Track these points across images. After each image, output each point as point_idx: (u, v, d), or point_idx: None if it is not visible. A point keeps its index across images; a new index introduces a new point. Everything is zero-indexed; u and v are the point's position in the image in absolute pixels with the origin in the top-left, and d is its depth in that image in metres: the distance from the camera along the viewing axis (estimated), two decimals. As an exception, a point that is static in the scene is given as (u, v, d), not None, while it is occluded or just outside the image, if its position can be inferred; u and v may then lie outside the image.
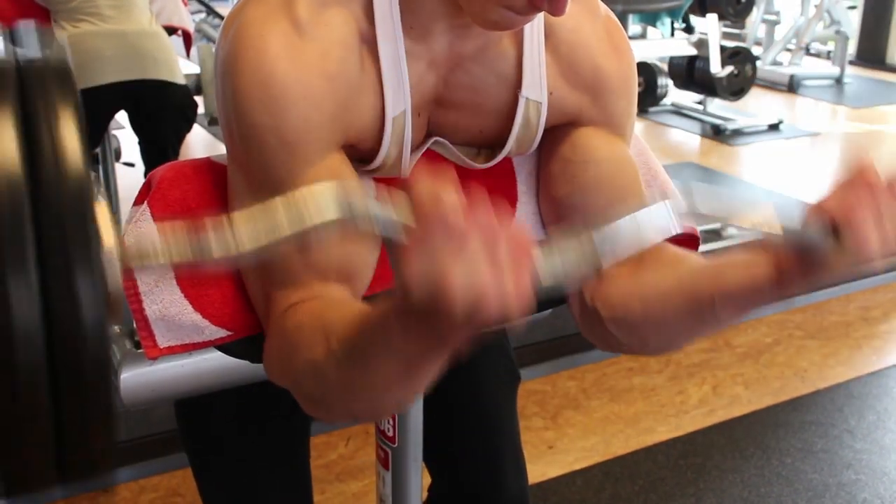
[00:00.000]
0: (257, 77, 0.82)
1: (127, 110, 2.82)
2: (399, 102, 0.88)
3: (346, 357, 0.72)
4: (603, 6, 0.98)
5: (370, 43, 0.86)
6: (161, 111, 2.83)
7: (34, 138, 0.49)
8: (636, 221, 0.72)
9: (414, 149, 0.95)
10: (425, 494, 1.35)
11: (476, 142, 0.99)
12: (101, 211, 0.50)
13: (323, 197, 0.58)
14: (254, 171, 0.85)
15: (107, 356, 0.48)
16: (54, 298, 0.46)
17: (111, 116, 2.84)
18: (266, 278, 0.87)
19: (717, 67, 5.42)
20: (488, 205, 0.57)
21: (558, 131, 1.00)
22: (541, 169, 1.04)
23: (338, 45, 0.84)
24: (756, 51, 7.15)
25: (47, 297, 0.46)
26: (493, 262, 0.56)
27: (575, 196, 0.98)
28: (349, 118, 0.86)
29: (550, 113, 0.96)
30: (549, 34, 0.94)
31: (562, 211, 1.00)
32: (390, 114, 0.88)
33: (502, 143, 0.97)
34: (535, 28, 0.93)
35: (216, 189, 0.93)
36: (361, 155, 0.91)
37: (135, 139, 2.98)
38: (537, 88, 0.94)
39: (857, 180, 0.72)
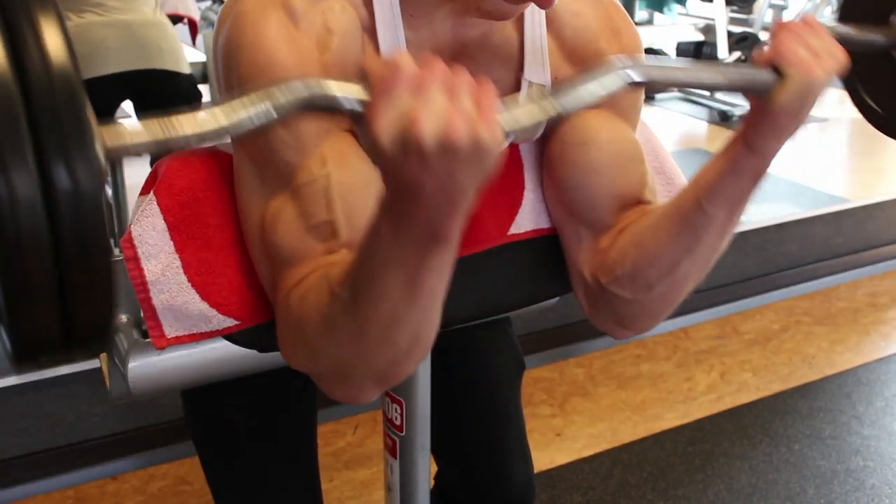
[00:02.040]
0: (257, 61, 0.81)
1: (132, 100, 2.82)
2: None
3: (350, 295, 0.72)
4: None
5: (370, 31, 0.86)
6: (166, 101, 2.82)
7: (13, 24, 0.50)
8: (592, 77, 0.74)
9: None
10: (432, 483, 1.36)
11: None
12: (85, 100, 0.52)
13: (292, 83, 0.62)
14: (261, 156, 0.85)
15: (102, 220, 0.50)
16: (51, 170, 0.48)
17: (116, 106, 2.84)
18: (272, 263, 0.87)
19: (724, 53, 5.40)
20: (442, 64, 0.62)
21: (563, 123, 0.99)
22: (545, 154, 1.03)
23: (336, 34, 0.84)
24: (763, 36, 7.12)
25: (44, 170, 0.48)
26: (455, 97, 0.60)
27: (577, 178, 0.98)
28: None
29: None
30: (552, 19, 0.94)
31: (565, 194, 1.00)
32: None
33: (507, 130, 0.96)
34: (535, 12, 0.93)
35: (222, 177, 0.93)
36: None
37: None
38: (540, 71, 0.94)
39: (780, 27, 0.83)
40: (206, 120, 0.58)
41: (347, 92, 0.62)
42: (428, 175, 0.60)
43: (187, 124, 0.57)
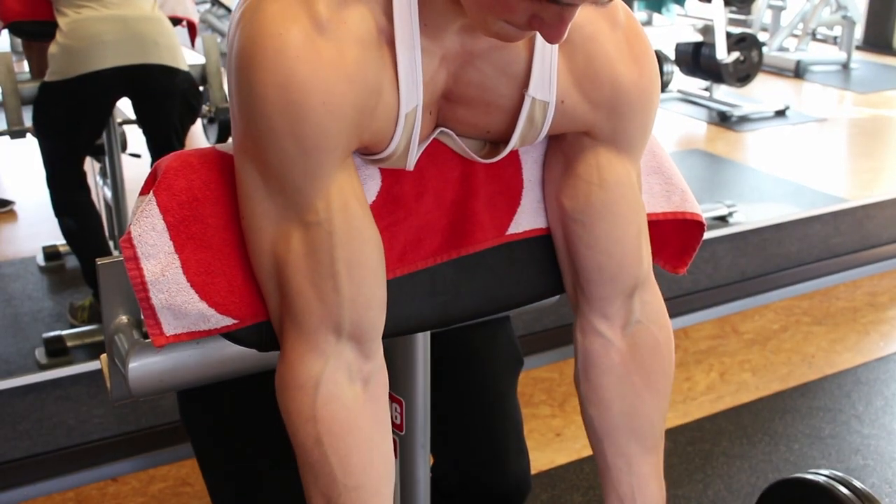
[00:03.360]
0: (276, 79, 0.80)
1: (130, 97, 2.80)
2: (412, 99, 0.88)
3: None
4: (625, 12, 0.95)
5: (388, 40, 0.85)
6: (164, 97, 2.81)
7: None
8: None
9: (422, 141, 0.95)
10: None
11: (481, 136, 0.99)
12: None
13: None
14: (271, 174, 0.85)
15: None
16: None
17: (114, 102, 2.82)
18: (282, 300, 0.90)
19: (723, 54, 5.40)
20: None
21: (571, 140, 0.99)
22: (549, 166, 1.04)
23: (357, 45, 0.83)
24: (762, 36, 7.13)
25: None
26: None
27: (579, 213, 1.00)
28: (366, 121, 0.86)
29: (561, 120, 0.95)
30: (566, 40, 0.89)
31: (564, 219, 1.02)
32: (403, 110, 0.87)
33: (507, 140, 0.97)
34: None
35: (222, 178, 0.93)
36: (370, 148, 0.91)
37: (140, 130, 2.98)
38: (546, 90, 0.92)
39: None
40: None
41: None
42: None
43: None
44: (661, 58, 5.82)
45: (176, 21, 2.96)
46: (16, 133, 2.75)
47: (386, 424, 0.95)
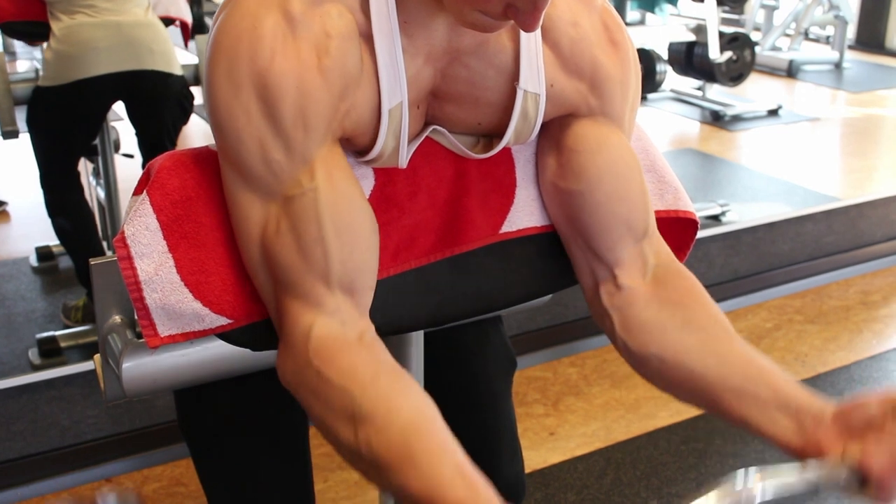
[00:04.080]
0: (252, 67, 0.82)
1: (124, 101, 2.81)
2: (395, 95, 0.88)
3: (373, 469, 0.82)
4: None
5: (367, 37, 0.86)
6: (158, 102, 2.82)
7: None
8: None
9: (412, 139, 0.95)
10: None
11: (474, 133, 1.00)
12: None
13: None
14: (252, 163, 0.85)
15: None
16: None
17: (108, 108, 2.83)
18: (274, 279, 0.89)
19: (715, 53, 5.41)
20: None
21: (558, 122, 1.00)
22: (541, 158, 1.04)
23: (334, 38, 0.84)
24: (755, 36, 7.14)
25: None
26: None
27: (575, 186, 0.99)
28: (345, 110, 0.87)
29: (550, 105, 0.97)
30: (548, 28, 0.94)
31: (563, 199, 1.01)
32: (386, 106, 0.88)
33: (500, 134, 0.97)
34: None
35: (215, 177, 0.93)
36: (358, 146, 0.92)
37: (133, 130, 2.98)
38: (535, 81, 0.94)
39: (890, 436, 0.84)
40: None
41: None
42: None
43: None
44: (654, 57, 5.83)
45: (169, 21, 2.96)
46: (8, 133, 2.74)
47: (392, 364, 0.90)
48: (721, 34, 5.46)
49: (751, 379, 0.91)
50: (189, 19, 3.10)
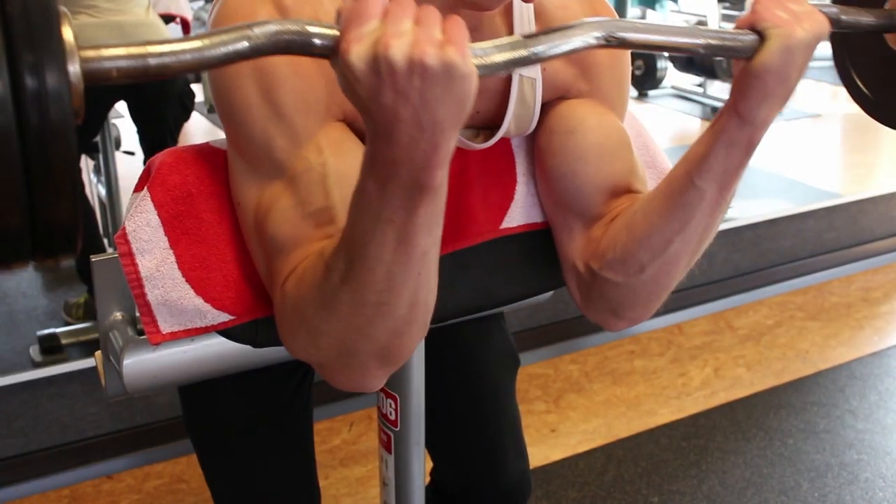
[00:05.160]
0: None
1: (126, 101, 2.82)
2: None
3: (344, 264, 0.72)
4: None
5: None
6: (159, 101, 2.83)
7: None
8: (566, 29, 0.75)
9: None
10: (427, 479, 1.36)
11: (474, 122, 0.99)
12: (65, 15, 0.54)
13: (267, 23, 0.63)
14: (253, 151, 0.85)
15: (69, 122, 0.52)
16: (22, 73, 0.50)
17: (109, 108, 2.84)
18: (268, 253, 0.87)
19: (716, 49, 5.40)
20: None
21: (548, 106, 1.01)
22: (536, 152, 1.04)
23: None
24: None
25: (15, 72, 0.50)
26: (424, 25, 0.61)
27: (566, 166, 0.99)
28: (342, 96, 0.86)
29: (545, 89, 0.98)
30: (540, 13, 0.95)
31: (556, 184, 1.01)
32: None
33: (500, 123, 0.97)
34: (523, 7, 0.94)
35: (216, 173, 0.93)
36: (360, 133, 0.91)
37: (134, 128, 2.99)
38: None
39: None
40: (183, 48, 0.60)
41: (322, 28, 0.64)
42: (402, 101, 0.61)
43: (165, 50, 0.59)
44: (654, 54, 5.83)
45: (169, 18, 2.96)
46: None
47: None
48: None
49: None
50: (189, 16, 3.10)
